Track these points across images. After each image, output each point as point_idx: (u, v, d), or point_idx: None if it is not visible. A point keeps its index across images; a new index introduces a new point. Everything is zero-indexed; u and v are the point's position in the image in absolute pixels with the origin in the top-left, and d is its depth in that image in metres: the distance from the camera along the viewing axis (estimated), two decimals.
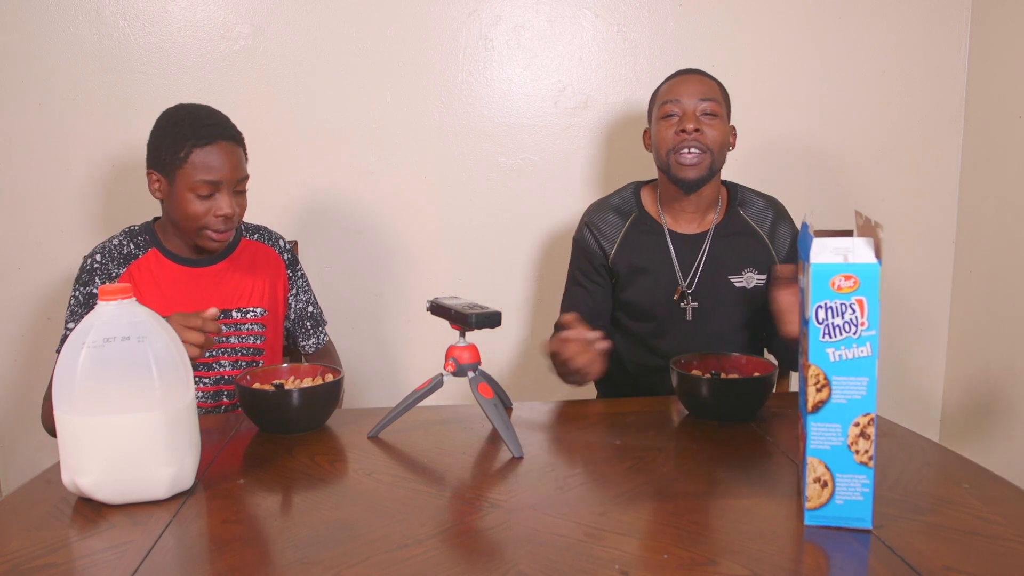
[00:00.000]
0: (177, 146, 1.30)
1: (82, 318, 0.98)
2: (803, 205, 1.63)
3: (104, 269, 1.37)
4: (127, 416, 0.88)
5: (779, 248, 1.51)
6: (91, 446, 0.89)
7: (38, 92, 1.83)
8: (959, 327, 2.05)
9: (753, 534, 0.81)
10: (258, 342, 1.45)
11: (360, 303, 1.99)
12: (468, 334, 1.12)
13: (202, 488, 0.96)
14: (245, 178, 1.37)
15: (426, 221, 1.97)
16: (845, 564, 0.76)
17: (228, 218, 1.33)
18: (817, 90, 1.96)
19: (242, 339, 1.43)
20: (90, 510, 0.90)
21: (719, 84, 1.49)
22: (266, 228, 1.53)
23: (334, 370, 1.23)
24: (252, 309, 1.44)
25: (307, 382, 1.22)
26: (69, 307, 1.37)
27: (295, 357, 1.62)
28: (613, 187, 1.62)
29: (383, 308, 2.01)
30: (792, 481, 0.95)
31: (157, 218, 1.45)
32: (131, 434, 0.89)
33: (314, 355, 1.59)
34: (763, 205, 1.53)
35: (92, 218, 1.90)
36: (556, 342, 1.28)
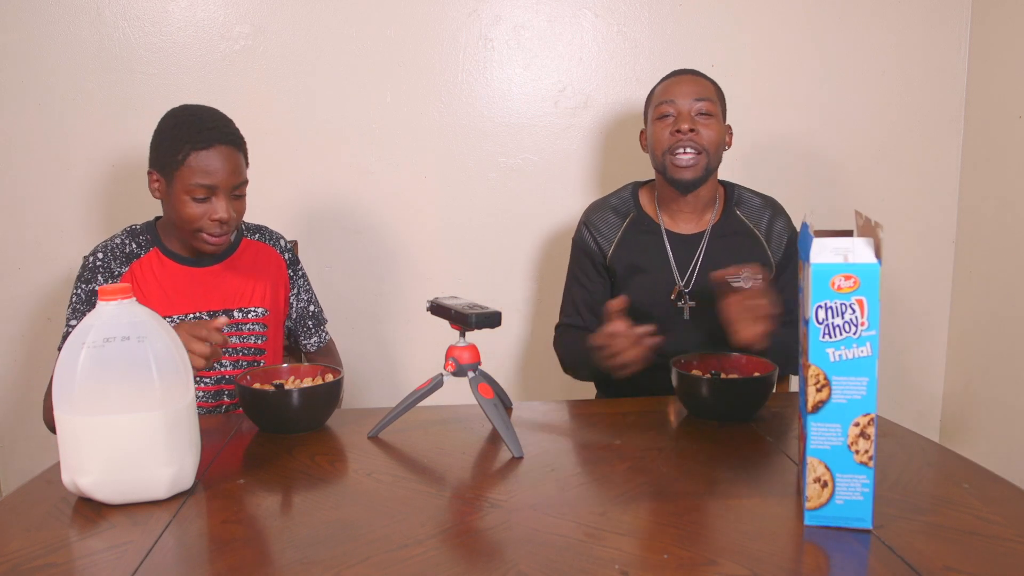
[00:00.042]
0: (175, 148, 1.30)
1: (84, 315, 0.98)
2: (803, 205, 1.63)
3: (106, 267, 1.37)
4: (127, 416, 0.88)
5: (775, 248, 1.51)
6: (91, 446, 0.89)
7: (38, 92, 1.83)
8: (959, 327, 2.05)
9: (753, 534, 0.81)
10: (259, 342, 1.45)
11: (360, 303, 1.99)
12: (468, 334, 1.12)
13: (202, 488, 0.96)
14: (243, 183, 1.36)
15: (426, 221, 1.97)
16: (845, 564, 0.76)
17: (223, 222, 1.33)
18: (817, 90, 1.96)
19: (243, 339, 1.43)
20: (90, 510, 0.90)
21: (714, 84, 1.49)
22: (267, 228, 1.53)
23: (334, 370, 1.23)
24: (253, 309, 1.44)
25: (307, 382, 1.22)
26: (71, 304, 1.37)
27: (296, 356, 1.62)
28: (613, 187, 1.62)
29: (383, 308, 2.01)
30: (792, 481, 0.95)
31: (159, 218, 1.45)
32: (131, 434, 0.89)
33: (316, 353, 1.59)
34: (759, 204, 1.53)
35: (92, 218, 1.90)
36: (603, 336, 1.29)
